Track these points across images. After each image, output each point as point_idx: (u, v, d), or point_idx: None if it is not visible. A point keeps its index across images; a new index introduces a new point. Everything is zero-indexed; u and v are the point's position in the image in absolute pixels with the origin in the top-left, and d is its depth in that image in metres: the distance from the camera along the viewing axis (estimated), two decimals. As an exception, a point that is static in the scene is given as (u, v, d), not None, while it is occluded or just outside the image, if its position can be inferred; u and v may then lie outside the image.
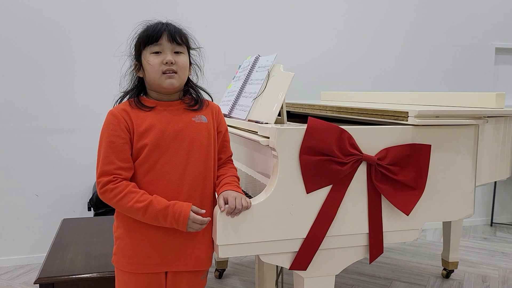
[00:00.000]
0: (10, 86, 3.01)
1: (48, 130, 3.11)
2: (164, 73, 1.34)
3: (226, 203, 1.33)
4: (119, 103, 1.42)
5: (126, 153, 1.34)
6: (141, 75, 1.41)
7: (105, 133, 1.34)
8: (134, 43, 1.41)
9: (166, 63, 1.34)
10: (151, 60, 1.34)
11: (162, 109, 1.39)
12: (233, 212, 1.33)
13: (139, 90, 1.43)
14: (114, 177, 1.30)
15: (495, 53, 4.14)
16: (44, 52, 3.06)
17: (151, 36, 1.35)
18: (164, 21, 1.40)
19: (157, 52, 1.35)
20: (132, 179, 1.35)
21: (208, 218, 1.33)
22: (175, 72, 1.36)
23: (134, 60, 1.41)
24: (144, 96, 1.42)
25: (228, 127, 1.88)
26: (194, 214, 1.30)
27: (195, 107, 1.43)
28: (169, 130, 1.36)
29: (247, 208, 1.35)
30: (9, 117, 3.03)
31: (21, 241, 3.13)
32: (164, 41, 1.36)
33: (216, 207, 1.36)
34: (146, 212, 1.29)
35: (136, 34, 1.40)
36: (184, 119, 1.40)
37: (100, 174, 1.31)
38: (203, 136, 1.40)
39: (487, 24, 4.10)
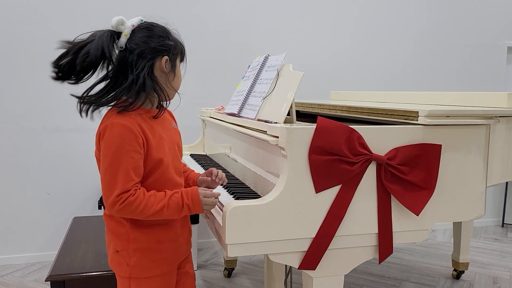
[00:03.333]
0: (21, 85, 3.04)
1: (60, 129, 3.14)
2: None
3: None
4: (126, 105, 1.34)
5: (141, 169, 1.32)
6: (169, 78, 1.39)
7: (123, 149, 1.27)
8: (170, 42, 1.40)
9: None
10: (180, 73, 1.45)
11: (160, 117, 1.41)
12: (221, 179, 1.50)
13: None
14: (134, 191, 1.28)
15: (507, 52, 4.10)
16: (54, 52, 3.08)
17: (184, 55, 1.46)
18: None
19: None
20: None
21: (218, 193, 1.41)
22: None
23: (167, 57, 1.37)
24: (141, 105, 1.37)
25: (238, 127, 1.89)
26: (202, 190, 1.37)
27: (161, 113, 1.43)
28: (169, 140, 1.42)
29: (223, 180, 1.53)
30: (20, 117, 3.06)
31: (32, 239, 3.16)
32: None
33: (226, 207, 1.37)
34: (169, 207, 1.31)
35: (166, 33, 1.43)
36: (170, 126, 1.49)
37: (121, 191, 1.26)
38: (180, 141, 1.53)
39: (499, 23, 4.06)
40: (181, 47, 1.44)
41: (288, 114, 1.67)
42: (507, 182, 4.11)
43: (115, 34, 1.35)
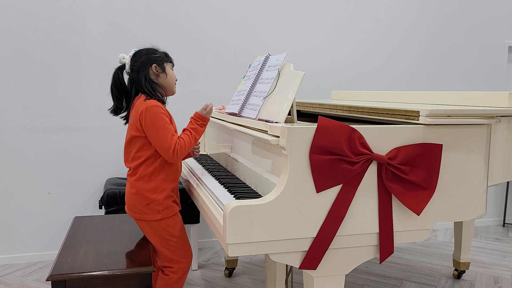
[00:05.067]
0: (24, 84, 3.04)
1: (61, 129, 3.14)
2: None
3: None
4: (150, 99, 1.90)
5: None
6: (161, 78, 1.96)
7: (163, 120, 1.84)
8: (155, 54, 1.96)
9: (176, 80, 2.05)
10: (171, 72, 2.01)
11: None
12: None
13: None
14: (178, 140, 1.86)
15: (508, 51, 4.10)
16: (58, 52, 3.09)
17: (171, 59, 2.03)
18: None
19: (171, 68, 2.03)
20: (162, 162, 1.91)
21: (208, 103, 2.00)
22: None
23: (155, 64, 1.94)
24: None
25: (239, 126, 1.89)
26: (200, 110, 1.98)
27: None
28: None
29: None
30: (22, 116, 3.06)
31: (34, 238, 3.16)
32: None
33: (226, 207, 1.37)
34: (194, 132, 1.93)
35: (152, 51, 1.97)
36: None
37: (174, 146, 1.83)
38: None
39: (500, 22, 4.05)
40: (165, 56, 2.00)
41: (289, 114, 1.67)
42: (508, 182, 4.11)
43: (121, 67, 2.00)
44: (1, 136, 3.04)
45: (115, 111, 2.01)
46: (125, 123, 2.03)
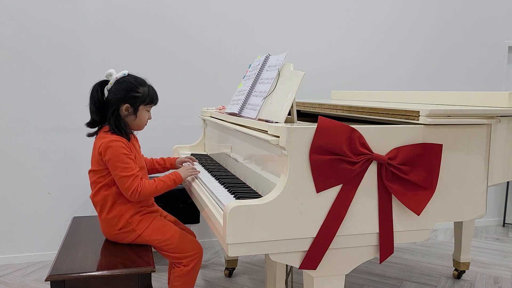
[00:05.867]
0: (24, 84, 3.04)
1: (61, 129, 3.14)
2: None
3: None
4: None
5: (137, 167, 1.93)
6: (129, 118, 1.96)
7: (119, 154, 1.85)
8: (136, 93, 1.93)
9: (148, 118, 2.04)
10: (144, 115, 1.99)
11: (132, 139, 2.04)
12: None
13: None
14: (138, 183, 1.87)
15: (508, 51, 4.10)
16: (57, 52, 3.09)
17: (153, 100, 2.00)
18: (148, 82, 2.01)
19: (148, 109, 2.01)
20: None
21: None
22: None
23: (128, 105, 1.93)
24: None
25: (239, 126, 1.89)
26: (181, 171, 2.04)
27: None
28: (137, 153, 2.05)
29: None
30: (22, 116, 3.06)
31: (33, 238, 3.16)
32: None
33: (226, 207, 1.37)
34: (167, 188, 1.96)
35: (135, 88, 1.93)
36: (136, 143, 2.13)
37: (133, 184, 1.85)
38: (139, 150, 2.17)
39: (500, 22, 4.05)
40: (147, 96, 1.96)
41: (289, 114, 1.67)
42: (508, 182, 4.11)
43: (104, 82, 1.98)
44: (1, 136, 3.04)
45: (91, 123, 2.02)
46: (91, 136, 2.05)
